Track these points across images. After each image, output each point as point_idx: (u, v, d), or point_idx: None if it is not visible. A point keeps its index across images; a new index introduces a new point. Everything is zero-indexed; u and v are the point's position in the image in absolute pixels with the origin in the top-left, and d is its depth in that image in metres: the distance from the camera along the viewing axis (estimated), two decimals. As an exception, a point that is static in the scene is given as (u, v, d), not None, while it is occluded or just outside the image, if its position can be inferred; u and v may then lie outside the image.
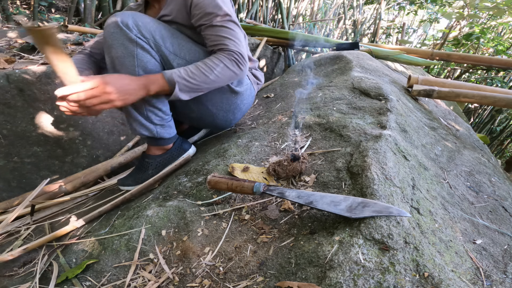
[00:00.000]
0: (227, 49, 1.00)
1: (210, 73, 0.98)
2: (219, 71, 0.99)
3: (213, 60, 0.99)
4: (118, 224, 0.84)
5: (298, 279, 0.60)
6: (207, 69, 0.97)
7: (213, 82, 1.00)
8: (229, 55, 1.00)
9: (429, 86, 1.50)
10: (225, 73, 1.00)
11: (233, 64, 1.01)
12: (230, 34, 1.02)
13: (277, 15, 3.59)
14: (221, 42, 1.01)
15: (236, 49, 1.01)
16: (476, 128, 3.87)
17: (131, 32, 0.94)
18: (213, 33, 1.01)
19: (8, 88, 1.35)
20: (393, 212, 0.64)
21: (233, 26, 1.03)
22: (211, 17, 1.00)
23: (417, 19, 5.89)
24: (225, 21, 1.01)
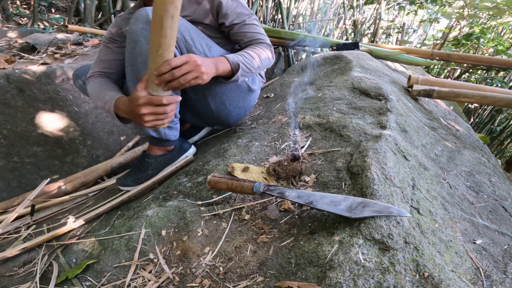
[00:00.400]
0: (263, 41, 1.13)
1: (259, 60, 1.07)
2: (264, 58, 1.10)
3: (259, 48, 1.10)
4: (118, 224, 0.84)
5: (298, 279, 0.60)
6: (256, 56, 1.06)
7: (259, 68, 1.09)
8: (267, 47, 1.13)
9: (429, 86, 1.50)
10: (266, 60, 1.11)
11: (271, 53, 1.14)
12: (259, 29, 1.15)
13: (277, 15, 3.59)
14: (258, 37, 1.13)
15: (267, 41, 1.15)
16: (476, 128, 3.87)
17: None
18: (248, 30, 1.11)
19: (8, 88, 1.35)
20: (393, 212, 0.64)
21: (258, 23, 1.16)
22: (242, 17, 1.10)
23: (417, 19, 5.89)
24: (253, 19, 1.13)
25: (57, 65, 1.52)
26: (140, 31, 0.91)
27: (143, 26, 0.91)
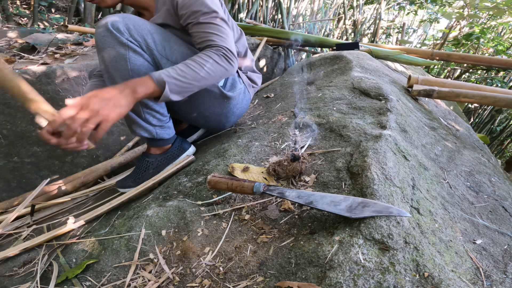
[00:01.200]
0: (214, 44, 0.97)
1: (200, 70, 0.92)
2: (209, 67, 0.94)
3: (202, 56, 0.94)
4: (118, 224, 0.84)
5: (298, 279, 0.60)
6: (197, 66, 0.92)
7: (204, 79, 0.94)
8: (217, 51, 0.96)
9: (429, 86, 1.50)
10: (216, 69, 0.95)
11: (222, 59, 0.96)
12: (217, 30, 0.98)
13: (277, 15, 3.59)
14: (208, 38, 0.97)
15: (223, 44, 0.97)
16: (476, 128, 3.87)
17: (122, 35, 0.93)
18: (200, 30, 0.98)
19: (8, 88, 1.35)
20: (393, 212, 0.64)
21: (221, 23, 1.00)
22: (197, 15, 0.97)
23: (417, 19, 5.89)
24: (212, 18, 0.98)
25: (57, 65, 1.52)
26: (103, 39, 0.93)
27: (104, 34, 0.93)
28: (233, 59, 0.99)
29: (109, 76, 0.98)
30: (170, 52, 1.02)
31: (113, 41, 0.93)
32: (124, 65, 0.95)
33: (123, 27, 0.93)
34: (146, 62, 0.98)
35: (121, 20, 0.93)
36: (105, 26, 0.93)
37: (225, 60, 0.97)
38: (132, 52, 0.95)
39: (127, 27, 0.94)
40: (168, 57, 1.02)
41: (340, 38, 4.37)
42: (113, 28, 0.92)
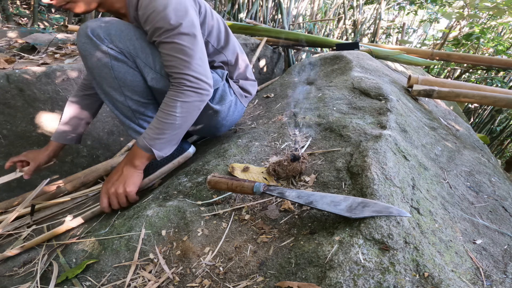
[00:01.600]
0: (176, 75, 0.89)
1: (174, 119, 0.90)
2: (180, 111, 0.89)
3: (168, 103, 0.90)
4: (118, 224, 0.84)
5: (298, 279, 0.60)
6: (169, 117, 0.89)
7: (184, 124, 0.93)
8: (179, 86, 0.89)
9: (429, 86, 1.50)
10: (189, 109, 0.91)
11: (188, 95, 0.90)
12: (181, 51, 0.88)
13: (277, 15, 3.59)
14: (171, 63, 0.90)
15: (187, 71, 0.89)
16: (476, 128, 3.87)
17: (103, 43, 0.90)
18: (164, 51, 0.90)
19: (8, 88, 1.35)
20: (393, 212, 0.64)
21: (185, 40, 0.89)
22: (160, 33, 0.88)
23: (417, 19, 5.89)
24: (175, 36, 0.88)
25: (57, 65, 1.52)
26: (84, 46, 0.90)
27: (84, 41, 0.90)
28: (202, 85, 0.91)
29: (97, 83, 0.97)
30: (152, 60, 0.97)
31: (94, 48, 0.90)
32: (109, 73, 0.94)
33: (103, 33, 0.89)
34: (130, 69, 0.95)
35: (103, 26, 0.90)
36: (85, 32, 0.90)
37: (192, 94, 0.90)
38: (114, 60, 0.92)
39: (107, 33, 0.90)
40: (150, 65, 0.97)
41: (340, 38, 4.37)
42: (93, 34, 0.89)
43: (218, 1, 3.20)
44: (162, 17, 0.86)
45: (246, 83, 1.21)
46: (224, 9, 3.21)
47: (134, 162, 0.94)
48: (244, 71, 1.21)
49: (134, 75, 0.97)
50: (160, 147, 0.92)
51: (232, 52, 1.14)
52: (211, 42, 1.06)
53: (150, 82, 0.99)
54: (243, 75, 1.20)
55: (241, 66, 1.18)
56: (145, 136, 0.91)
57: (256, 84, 1.28)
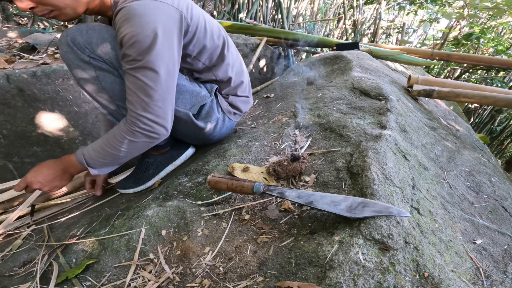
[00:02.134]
0: (131, 113, 0.83)
1: (118, 152, 0.88)
2: (126, 147, 0.87)
3: (117, 136, 0.86)
4: (118, 224, 0.84)
5: (298, 279, 0.60)
6: (113, 149, 0.88)
7: (127, 156, 0.91)
8: (131, 126, 0.84)
9: (429, 86, 1.50)
10: (136, 147, 0.88)
11: (138, 136, 0.85)
12: (140, 88, 0.81)
13: (277, 15, 3.59)
14: (129, 98, 0.83)
15: (142, 112, 0.82)
16: (476, 128, 3.87)
17: (84, 52, 0.85)
18: (126, 82, 0.83)
19: (8, 88, 1.35)
20: (393, 212, 0.64)
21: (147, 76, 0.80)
22: (126, 60, 0.80)
23: (417, 19, 5.89)
24: (138, 69, 0.79)
25: (57, 65, 1.52)
26: (66, 55, 0.87)
27: (66, 49, 0.86)
28: (157, 129, 0.86)
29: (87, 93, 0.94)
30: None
31: (76, 58, 0.86)
32: (96, 84, 0.90)
33: (84, 42, 0.84)
34: (117, 78, 0.91)
35: (84, 33, 0.85)
36: (65, 41, 0.85)
37: (142, 136, 0.86)
38: (99, 70, 0.88)
39: (88, 42, 0.85)
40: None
41: (340, 38, 4.36)
42: (73, 43, 0.84)
43: (218, 1, 3.20)
44: (131, 45, 0.78)
45: (237, 100, 1.12)
46: (224, 9, 3.21)
47: (70, 170, 0.97)
48: (236, 88, 1.10)
49: (122, 84, 0.91)
50: (98, 167, 0.93)
51: (224, 71, 1.04)
52: (201, 60, 0.99)
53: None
54: (234, 91, 1.11)
55: (234, 83, 1.09)
56: (85, 153, 0.91)
57: (250, 99, 1.19)
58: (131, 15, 0.77)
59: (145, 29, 0.77)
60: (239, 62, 1.12)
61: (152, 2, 0.80)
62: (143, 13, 0.77)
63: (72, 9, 0.82)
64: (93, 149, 0.91)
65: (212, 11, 3.39)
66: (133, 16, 0.77)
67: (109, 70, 0.89)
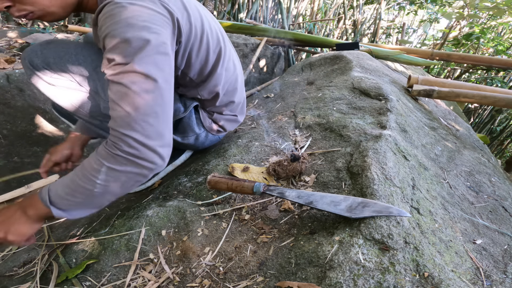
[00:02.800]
0: (112, 133, 0.62)
1: (93, 186, 0.63)
2: (103, 178, 0.62)
3: (93, 163, 0.63)
4: (118, 224, 0.84)
5: (298, 279, 0.60)
6: (87, 181, 0.63)
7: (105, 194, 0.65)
8: (113, 149, 0.61)
9: (429, 86, 1.50)
10: (117, 179, 0.63)
11: (120, 162, 0.61)
12: (125, 98, 0.60)
13: (277, 15, 3.60)
14: (112, 114, 0.62)
15: (126, 131, 0.60)
16: (476, 128, 3.87)
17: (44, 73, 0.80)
18: (109, 93, 0.63)
19: (8, 88, 1.35)
20: (393, 212, 0.64)
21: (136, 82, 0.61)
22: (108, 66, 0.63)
23: (417, 19, 5.89)
24: (123, 73, 0.61)
25: (57, 65, 1.52)
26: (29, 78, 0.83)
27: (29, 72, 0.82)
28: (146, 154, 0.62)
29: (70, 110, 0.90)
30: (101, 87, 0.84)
31: (39, 79, 0.81)
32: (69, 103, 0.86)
33: (41, 62, 0.79)
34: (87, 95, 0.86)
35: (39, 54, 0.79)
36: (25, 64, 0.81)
37: (126, 162, 0.62)
38: (66, 89, 0.83)
39: (46, 63, 0.79)
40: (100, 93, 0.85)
41: (340, 38, 4.36)
42: (32, 65, 0.79)
43: (218, 1, 3.20)
44: (115, 46, 0.61)
45: (222, 118, 1.02)
46: (224, 9, 3.21)
47: (28, 211, 0.68)
48: (223, 107, 1.00)
49: (95, 100, 0.86)
50: (66, 208, 0.66)
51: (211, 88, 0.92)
52: (189, 75, 0.87)
53: (103, 110, 0.86)
54: (219, 110, 1.00)
55: (221, 102, 0.97)
56: (51, 189, 0.66)
57: (239, 118, 1.08)
58: (116, 12, 0.62)
59: (133, 27, 0.61)
60: (234, 79, 0.98)
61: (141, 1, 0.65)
62: (130, 9, 0.62)
63: (60, 7, 0.69)
64: (59, 184, 0.66)
65: (212, 11, 3.40)
66: (119, 13, 0.62)
67: (76, 88, 0.84)
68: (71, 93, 0.86)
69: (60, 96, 0.86)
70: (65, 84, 0.83)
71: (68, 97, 0.86)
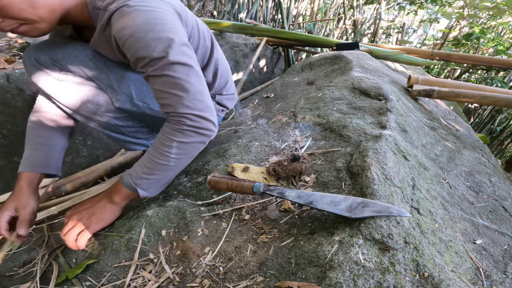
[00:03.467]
0: (174, 113, 0.74)
1: (168, 161, 0.76)
2: (176, 152, 0.76)
3: (164, 142, 0.75)
4: (118, 224, 0.84)
5: (298, 279, 0.60)
6: (162, 158, 0.76)
7: (178, 166, 0.79)
8: (178, 125, 0.74)
9: (429, 86, 1.50)
10: (187, 150, 0.78)
11: (188, 135, 0.76)
12: (175, 85, 0.73)
13: (277, 15, 3.60)
14: (165, 102, 0.74)
15: (185, 110, 0.73)
16: (476, 128, 3.87)
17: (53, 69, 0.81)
18: (154, 86, 0.75)
19: (8, 88, 1.35)
20: (393, 212, 0.64)
21: (177, 71, 0.72)
22: (145, 63, 0.72)
23: (417, 19, 5.89)
24: (164, 67, 0.71)
25: (57, 65, 1.52)
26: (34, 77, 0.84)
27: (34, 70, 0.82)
28: (205, 124, 0.77)
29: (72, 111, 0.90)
30: (114, 80, 0.88)
31: (47, 77, 0.82)
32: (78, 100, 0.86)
33: (49, 59, 0.80)
34: (98, 89, 0.88)
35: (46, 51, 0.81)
36: (30, 62, 0.81)
37: (193, 134, 0.76)
38: (76, 85, 0.85)
39: (54, 59, 0.81)
40: (112, 86, 0.88)
41: (340, 38, 4.36)
42: (39, 62, 0.80)
43: (218, 1, 3.20)
44: (144, 45, 0.70)
45: (223, 98, 1.12)
46: (224, 9, 3.21)
47: (114, 198, 0.81)
48: (222, 88, 1.11)
49: (104, 95, 0.89)
50: (147, 187, 0.79)
51: (212, 72, 1.03)
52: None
53: (116, 103, 0.90)
54: (220, 91, 1.11)
55: (220, 83, 1.08)
56: (131, 173, 0.78)
57: (235, 96, 1.19)
58: (134, 14, 0.70)
59: (157, 24, 0.71)
60: (225, 61, 1.12)
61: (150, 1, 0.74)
62: (147, 9, 0.71)
63: (47, 22, 0.73)
64: (138, 167, 0.78)
65: (212, 11, 3.39)
66: (137, 15, 0.70)
67: (86, 83, 0.86)
68: (81, 88, 0.86)
69: (67, 93, 0.85)
70: (75, 79, 0.84)
71: (76, 93, 0.86)
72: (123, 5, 0.72)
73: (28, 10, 0.68)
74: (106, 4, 0.76)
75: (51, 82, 0.83)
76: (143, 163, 0.78)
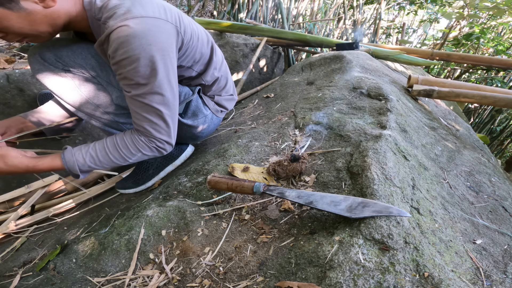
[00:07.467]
0: (145, 134, 0.85)
1: (123, 162, 0.87)
2: (135, 159, 0.88)
3: (130, 149, 0.85)
4: (118, 224, 0.84)
5: (298, 279, 0.60)
6: (120, 160, 0.86)
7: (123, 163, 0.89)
8: (149, 142, 0.86)
9: (429, 86, 1.50)
10: (142, 158, 0.90)
11: (153, 152, 0.88)
12: (154, 115, 0.82)
13: (277, 15, 3.59)
14: (143, 125, 0.83)
15: (159, 136, 0.85)
16: (476, 128, 3.87)
17: (57, 66, 0.84)
18: (133, 107, 0.82)
19: (8, 88, 1.35)
20: (393, 212, 0.64)
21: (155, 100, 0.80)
22: (130, 85, 0.78)
23: (417, 19, 5.89)
24: (148, 95, 0.79)
25: (57, 65, 1.52)
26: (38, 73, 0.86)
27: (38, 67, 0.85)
28: (167, 147, 0.90)
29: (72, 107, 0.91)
30: (114, 77, 0.91)
31: (51, 73, 0.84)
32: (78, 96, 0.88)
33: (54, 56, 0.83)
34: (99, 86, 0.90)
35: (51, 48, 0.84)
36: (36, 59, 0.84)
37: (157, 152, 0.89)
38: (78, 81, 0.87)
39: (59, 56, 0.84)
40: (113, 84, 0.91)
41: (340, 38, 4.36)
42: (44, 59, 0.83)
43: (218, 1, 3.20)
44: (134, 69, 0.75)
45: (222, 99, 1.15)
46: (224, 9, 3.21)
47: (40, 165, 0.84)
48: (222, 90, 1.13)
49: (106, 92, 0.92)
50: (86, 173, 0.88)
51: (211, 75, 1.06)
52: (194, 69, 1.00)
53: (115, 100, 0.93)
54: (219, 92, 1.13)
55: (219, 85, 1.11)
56: (78, 159, 0.84)
57: (235, 97, 1.22)
58: (130, 37, 0.72)
59: (148, 52, 0.74)
60: (224, 64, 1.14)
61: (149, 20, 0.75)
62: (143, 34, 0.73)
63: (48, 33, 0.78)
64: (89, 156, 0.84)
65: (212, 11, 3.40)
66: (133, 38, 0.72)
67: (88, 79, 0.88)
68: (83, 85, 0.89)
69: (71, 90, 0.88)
70: (77, 76, 0.87)
71: (80, 90, 0.89)
72: (122, 24, 0.72)
73: (27, 28, 0.73)
74: (105, 17, 0.77)
75: (55, 79, 0.86)
76: (96, 155, 0.85)
